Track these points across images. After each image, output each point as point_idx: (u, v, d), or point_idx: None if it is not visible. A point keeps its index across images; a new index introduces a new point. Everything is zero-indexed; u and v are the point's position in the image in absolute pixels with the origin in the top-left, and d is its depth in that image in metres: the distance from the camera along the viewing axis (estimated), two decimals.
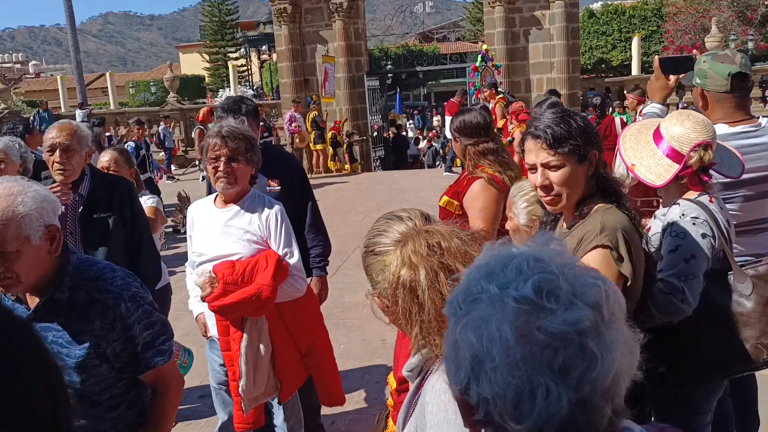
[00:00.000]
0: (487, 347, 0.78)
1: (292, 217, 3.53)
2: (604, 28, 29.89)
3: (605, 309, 0.79)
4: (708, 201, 2.29)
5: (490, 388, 0.78)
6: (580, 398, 0.76)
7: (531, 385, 0.76)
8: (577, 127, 2.02)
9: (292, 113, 15.11)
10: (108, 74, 27.05)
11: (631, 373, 0.82)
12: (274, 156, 3.72)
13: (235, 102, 3.59)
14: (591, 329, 0.77)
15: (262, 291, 2.80)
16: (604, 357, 0.76)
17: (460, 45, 36.19)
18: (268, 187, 3.53)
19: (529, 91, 16.16)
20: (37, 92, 40.19)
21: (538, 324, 0.77)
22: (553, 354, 0.76)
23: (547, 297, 0.78)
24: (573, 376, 0.76)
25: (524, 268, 0.82)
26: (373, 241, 1.45)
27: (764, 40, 25.15)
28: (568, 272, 0.81)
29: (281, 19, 16.78)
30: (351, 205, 11.31)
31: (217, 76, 43.52)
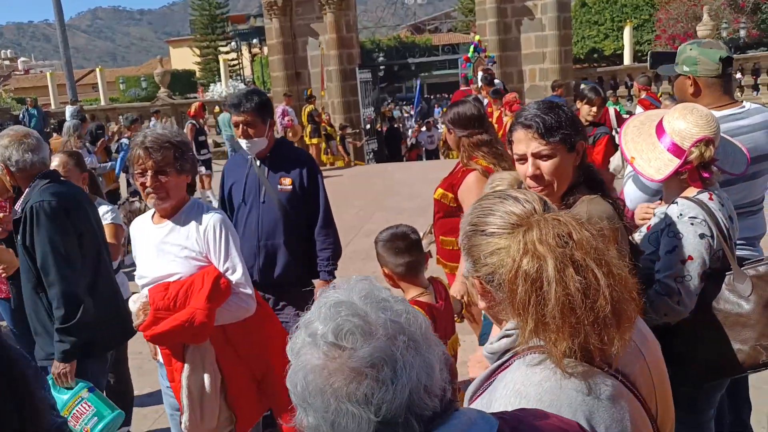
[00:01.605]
0: (302, 390, 0.94)
1: (303, 219, 3.45)
2: (596, 18, 29.86)
3: (399, 339, 0.92)
4: (708, 199, 2.24)
5: (313, 420, 0.94)
6: (381, 420, 0.89)
7: (341, 414, 0.90)
8: (566, 117, 2.00)
9: (284, 107, 15.02)
10: (98, 70, 26.85)
11: (434, 386, 0.94)
12: (285, 152, 3.59)
13: (237, 96, 3.40)
14: (383, 360, 0.90)
15: (195, 316, 2.53)
16: (397, 381, 0.90)
17: (452, 36, 36.08)
18: (279, 185, 3.41)
19: (521, 81, 16.14)
20: (26, 89, 39.89)
21: (337, 365, 0.90)
22: (356, 387, 0.89)
23: (345, 338, 0.91)
24: (374, 402, 0.89)
25: (328, 313, 0.95)
26: (483, 219, 1.33)
27: (756, 28, 25.18)
28: (369, 309, 0.94)
29: (272, 12, 16.69)
30: (346, 199, 11.27)
31: (208, 70, 43.28)
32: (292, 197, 3.42)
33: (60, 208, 2.87)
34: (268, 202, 3.43)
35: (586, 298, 1.18)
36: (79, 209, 3.02)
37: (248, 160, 3.52)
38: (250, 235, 3.43)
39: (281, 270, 3.45)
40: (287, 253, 3.44)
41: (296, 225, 3.47)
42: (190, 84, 38.09)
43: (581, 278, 1.19)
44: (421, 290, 2.61)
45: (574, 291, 1.18)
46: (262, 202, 3.43)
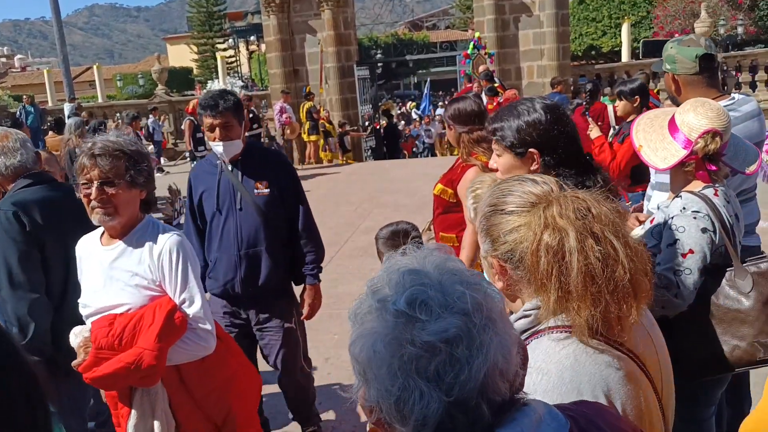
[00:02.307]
0: (367, 360, 0.87)
1: (284, 222, 3.32)
2: (594, 15, 29.86)
3: (476, 315, 0.85)
4: (713, 194, 2.24)
5: (375, 395, 0.87)
6: (452, 401, 0.83)
7: (407, 391, 0.84)
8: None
9: (282, 104, 15.01)
10: (95, 67, 26.76)
11: (509, 369, 0.88)
12: (261, 155, 3.43)
13: (212, 97, 3.17)
14: (459, 337, 0.84)
15: (143, 358, 2.23)
16: (473, 361, 0.84)
17: (450, 33, 36.04)
18: (255, 190, 3.23)
19: (519, 78, 16.13)
20: (23, 86, 39.77)
21: (409, 337, 0.84)
22: (427, 362, 0.83)
23: (419, 309, 0.85)
24: (446, 380, 0.83)
25: (401, 281, 0.89)
26: (502, 200, 1.36)
27: (753, 25, 25.20)
28: (446, 282, 0.88)
29: (269, 9, 16.66)
30: (343, 196, 11.28)
31: (206, 67, 43.23)
32: (270, 201, 3.24)
33: (17, 219, 2.70)
34: (245, 209, 3.22)
35: (606, 267, 1.23)
36: (51, 216, 2.83)
37: (218, 165, 3.28)
38: (229, 245, 3.24)
39: (265, 279, 3.27)
40: (270, 261, 3.26)
41: (277, 230, 3.31)
42: (188, 81, 38.03)
43: (601, 248, 1.24)
44: None
45: (594, 261, 1.24)
46: (239, 209, 3.22)
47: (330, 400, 4.24)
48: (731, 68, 17.96)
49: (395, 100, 32.86)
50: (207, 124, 3.16)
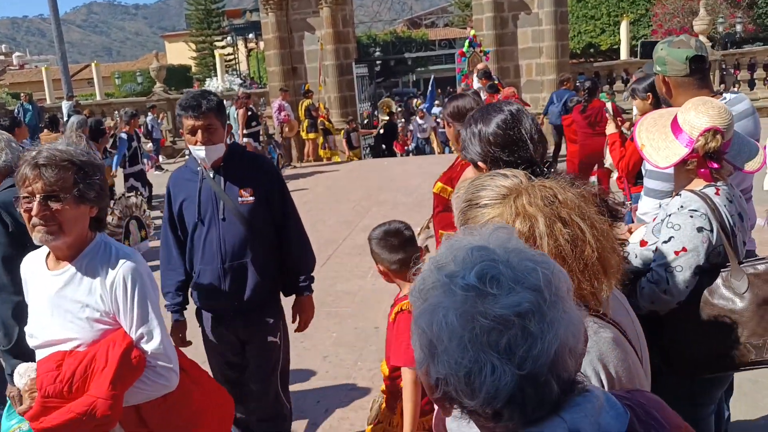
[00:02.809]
0: (437, 332, 0.86)
1: (271, 231, 3.13)
2: (592, 12, 29.85)
3: (546, 291, 0.86)
4: (714, 193, 2.24)
5: (444, 368, 0.86)
6: (524, 374, 0.83)
7: (479, 364, 0.83)
8: None
9: (280, 102, 15.00)
10: (93, 65, 26.74)
11: (577, 347, 0.89)
12: (246, 160, 3.20)
13: (194, 97, 2.93)
14: (531, 311, 0.84)
15: (96, 407, 1.98)
16: (545, 336, 0.84)
17: (448, 31, 36.02)
18: (239, 198, 3.03)
19: (518, 76, 16.12)
20: (21, 84, 39.72)
21: (482, 309, 0.84)
22: (499, 336, 0.83)
23: (489, 283, 0.85)
24: (517, 354, 0.83)
25: (469, 257, 0.89)
26: (476, 194, 1.43)
27: (752, 23, 25.21)
28: (512, 258, 0.89)
29: (268, 7, 16.63)
30: (342, 194, 11.28)
31: (204, 65, 43.15)
32: (255, 209, 3.04)
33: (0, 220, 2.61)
34: (229, 218, 3.01)
35: (575, 248, 1.31)
36: None
37: (198, 172, 3.06)
38: (212, 258, 3.04)
39: (251, 292, 3.07)
40: (257, 273, 3.06)
41: (264, 239, 3.10)
42: (186, 79, 37.97)
43: (569, 231, 1.31)
44: None
45: (563, 242, 1.31)
46: (222, 219, 3.01)
47: (328, 398, 4.25)
48: (730, 66, 17.97)
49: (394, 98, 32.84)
50: (188, 127, 2.92)
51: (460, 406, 0.89)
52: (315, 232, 8.95)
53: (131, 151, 9.79)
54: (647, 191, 2.82)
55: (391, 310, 2.61)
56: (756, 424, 3.54)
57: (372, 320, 5.38)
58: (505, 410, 0.85)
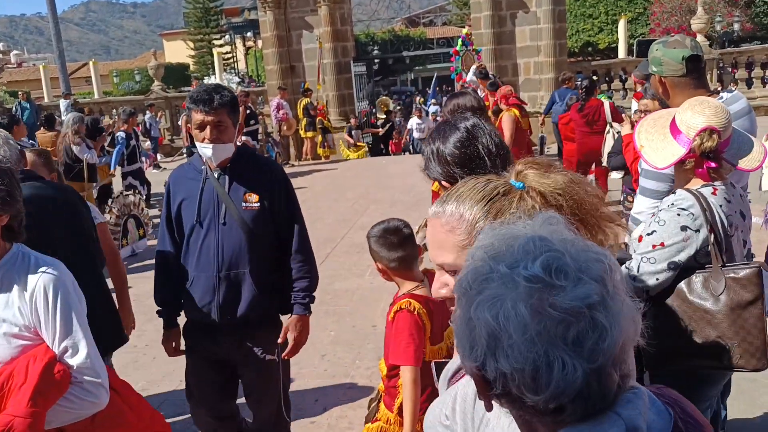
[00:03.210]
0: (503, 325, 0.82)
1: (273, 242, 2.92)
2: (590, 11, 29.83)
3: (609, 282, 0.84)
4: (710, 193, 2.25)
5: (509, 364, 0.82)
6: (593, 368, 0.80)
7: (548, 358, 0.80)
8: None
9: (279, 100, 15.00)
10: (91, 63, 26.69)
11: (635, 339, 0.87)
12: (249, 162, 2.98)
13: (206, 91, 2.76)
14: (599, 302, 0.81)
15: (13, 428, 1.82)
16: (613, 328, 0.81)
17: (446, 29, 35.96)
18: (243, 203, 2.83)
19: (516, 75, 16.12)
20: (19, 82, 39.66)
21: (551, 301, 0.81)
22: (567, 328, 0.80)
23: (555, 274, 0.82)
24: (586, 347, 0.80)
25: (531, 247, 0.86)
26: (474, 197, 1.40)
27: (750, 22, 25.23)
28: (571, 249, 0.86)
29: (266, 5, 16.62)
30: (340, 192, 11.29)
31: (202, 63, 43.10)
32: (259, 217, 2.84)
33: None
34: (229, 223, 2.81)
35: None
36: (35, 212, 2.64)
37: (203, 171, 2.88)
38: (207, 265, 2.83)
39: (246, 306, 2.85)
40: (254, 285, 2.84)
41: (265, 250, 2.89)
42: (184, 77, 37.94)
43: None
44: (416, 284, 2.61)
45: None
46: (222, 224, 2.81)
47: (327, 397, 4.25)
48: (727, 65, 17.98)
49: (392, 97, 32.82)
50: (197, 121, 2.74)
51: (519, 402, 0.85)
52: (313, 231, 8.92)
53: (129, 150, 9.79)
54: (642, 190, 2.83)
55: (390, 308, 2.61)
56: (754, 422, 3.55)
57: (370, 319, 5.38)
58: (569, 405, 0.82)
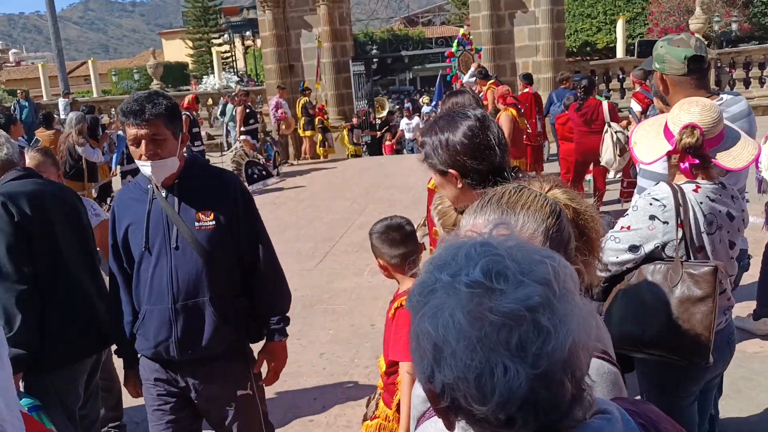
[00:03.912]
0: (443, 334, 0.80)
1: (235, 264, 2.64)
2: (589, 11, 29.85)
3: (555, 284, 0.81)
4: (692, 190, 2.31)
5: (451, 373, 0.79)
6: (538, 373, 0.77)
7: (489, 365, 0.77)
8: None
9: (278, 99, 14.99)
10: (90, 62, 26.68)
11: (589, 344, 0.83)
12: (205, 175, 2.66)
13: (137, 101, 2.44)
14: (542, 305, 0.78)
15: None
16: (558, 330, 0.78)
17: (445, 29, 35.96)
18: (197, 222, 2.51)
19: (514, 74, 16.10)
20: (17, 81, 39.62)
21: (490, 305, 0.78)
22: (509, 333, 0.77)
23: (496, 278, 0.80)
24: (530, 352, 0.77)
25: (472, 254, 0.84)
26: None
27: (748, 22, 25.25)
28: (516, 253, 0.83)
29: (265, 4, 16.61)
30: (339, 191, 11.30)
31: (201, 62, 43.05)
32: (215, 236, 2.52)
33: (5, 209, 2.67)
34: (182, 247, 2.50)
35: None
36: (40, 209, 2.77)
37: (149, 190, 2.57)
38: (161, 296, 2.52)
39: (209, 339, 2.54)
40: (215, 315, 2.53)
41: (226, 274, 2.59)
42: (183, 76, 37.92)
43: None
44: None
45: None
46: (174, 248, 2.50)
47: (325, 395, 4.27)
48: (725, 65, 18.01)
49: (391, 96, 32.83)
50: (130, 136, 2.45)
51: (469, 415, 0.82)
52: (312, 230, 8.98)
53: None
54: (639, 189, 2.88)
55: (390, 305, 2.63)
56: (750, 421, 3.57)
57: (368, 317, 5.40)
58: (519, 415, 0.79)
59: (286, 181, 12.80)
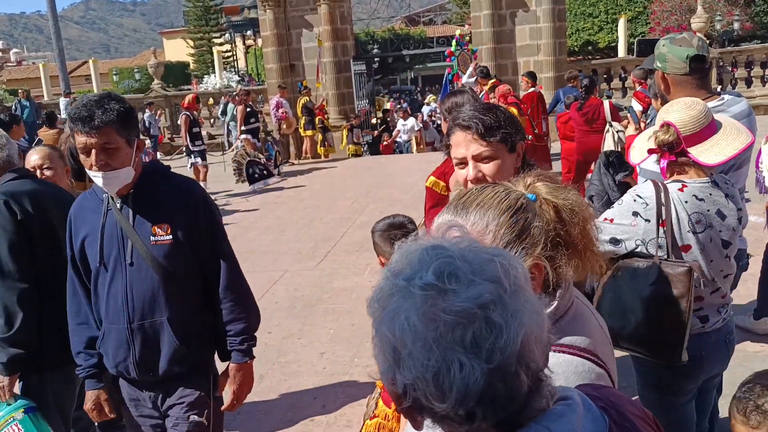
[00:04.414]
0: (400, 337, 0.83)
1: (196, 280, 2.46)
2: (590, 10, 29.82)
3: (506, 281, 0.84)
4: (677, 189, 2.34)
5: (410, 373, 0.83)
6: (493, 367, 0.80)
7: (446, 363, 0.80)
8: (504, 117, 2.00)
9: (278, 99, 15.00)
10: (91, 61, 26.69)
11: (542, 337, 0.87)
12: (165, 186, 2.44)
13: (86, 106, 2.24)
14: (493, 302, 0.82)
15: None
16: (510, 325, 0.81)
17: (446, 28, 35.95)
18: (152, 236, 2.34)
19: (516, 74, 16.08)
20: (19, 80, 39.65)
21: (443, 306, 0.82)
22: (463, 331, 0.80)
23: (448, 279, 0.83)
24: (484, 348, 0.80)
25: (425, 257, 0.87)
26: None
27: (749, 21, 25.21)
28: (467, 254, 0.87)
29: (266, 4, 16.62)
30: (339, 191, 11.30)
31: (202, 62, 43.08)
32: (173, 252, 2.35)
33: (7, 208, 2.69)
34: (138, 263, 2.34)
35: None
36: (40, 208, 2.79)
37: (103, 200, 2.40)
38: (117, 315, 2.37)
39: (168, 360, 2.39)
40: (174, 336, 2.37)
41: (185, 292, 2.42)
42: (184, 76, 37.96)
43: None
44: None
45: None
46: (129, 264, 2.34)
47: (325, 395, 4.27)
48: (727, 64, 17.99)
49: (392, 95, 32.85)
50: (80, 144, 2.27)
51: (431, 413, 0.85)
52: (312, 230, 8.98)
53: None
54: (640, 170, 2.91)
55: None
56: None
57: (368, 317, 5.40)
58: (478, 409, 0.82)
59: (287, 181, 12.81)
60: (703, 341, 2.41)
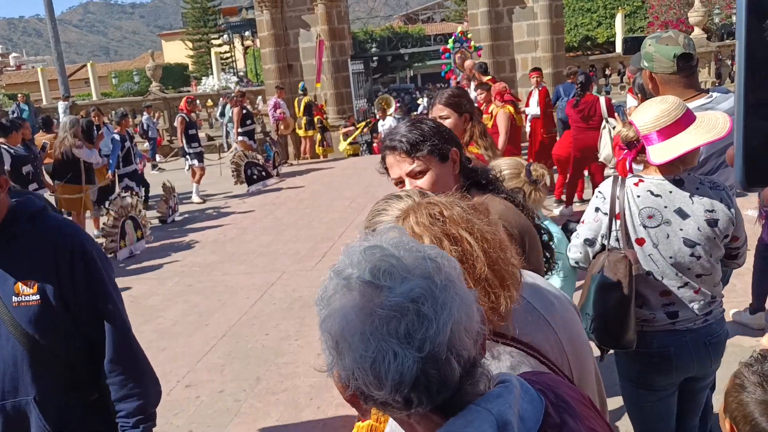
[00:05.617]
0: (340, 332, 0.91)
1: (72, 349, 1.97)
2: (588, 5, 29.82)
3: (437, 277, 0.92)
4: (633, 183, 2.39)
5: (350, 364, 0.90)
6: (424, 356, 0.87)
7: (381, 353, 0.88)
8: (429, 129, 2.04)
9: (276, 99, 15.01)
10: (90, 65, 26.74)
11: (472, 327, 0.93)
12: (28, 231, 1.93)
13: None
14: (423, 296, 0.89)
15: None
16: (439, 316, 0.89)
17: (445, 25, 35.98)
18: (15, 297, 1.87)
19: (513, 71, 16.10)
20: (18, 85, 39.74)
21: (379, 301, 0.89)
22: (397, 323, 0.88)
23: (383, 277, 0.91)
24: (416, 338, 0.88)
25: (364, 256, 0.94)
26: (374, 221, 1.46)
27: None
28: (403, 253, 0.94)
29: (263, 5, 16.61)
30: (338, 191, 11.30)
31: (201, 63, 43.15)
32: (42, 316, 1.88)
33: None
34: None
35: (465, 263, 1.27)
36: None
37: None
38: None
39: None
40: (46, 420, 1.92)
41: (59, 363, 1.95)
42: (183, 77, 38.01)
43: (457, 248, 1.29)
44: None
45: None
46: None
47: (321, 395, 4.27)
48: (726, 57, 17.96)
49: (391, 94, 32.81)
50: None
51: (373, 400, 0.92)
52: (311, 230, 8.99)
53: (124, 152, 9.85)
54: None
55: None
56: None
57: None
58: (413, 395, 0.89)
59: (286, 181, 12.82)
60: (672, 339, 2.41)
